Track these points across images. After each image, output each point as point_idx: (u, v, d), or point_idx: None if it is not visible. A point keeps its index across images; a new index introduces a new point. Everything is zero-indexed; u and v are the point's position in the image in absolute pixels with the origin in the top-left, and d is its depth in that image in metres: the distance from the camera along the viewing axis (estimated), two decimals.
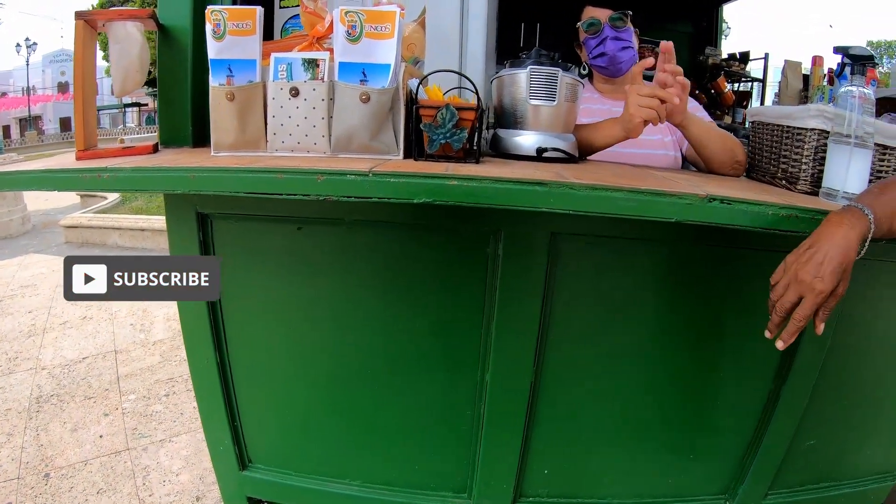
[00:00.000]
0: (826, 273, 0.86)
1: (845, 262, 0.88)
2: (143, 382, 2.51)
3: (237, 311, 1.39)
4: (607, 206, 0.93)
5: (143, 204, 6.31)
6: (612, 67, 1.67)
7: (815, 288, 0.87)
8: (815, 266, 0.87)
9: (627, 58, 1.66)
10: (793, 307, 0.89)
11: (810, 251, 0.89)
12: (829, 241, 0.88)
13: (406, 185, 0.93)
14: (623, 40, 1.64)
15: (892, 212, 0.93)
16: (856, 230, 0.89)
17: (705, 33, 4.10)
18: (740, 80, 4.50)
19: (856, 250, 0.89)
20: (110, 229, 5.26)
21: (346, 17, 1.10)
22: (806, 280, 0.87)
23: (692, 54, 4.20)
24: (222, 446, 1.52)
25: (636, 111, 1.28)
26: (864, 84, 1.19)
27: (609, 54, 1.64)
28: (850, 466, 1.72)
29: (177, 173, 1.05)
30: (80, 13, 1.27)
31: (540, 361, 1.34)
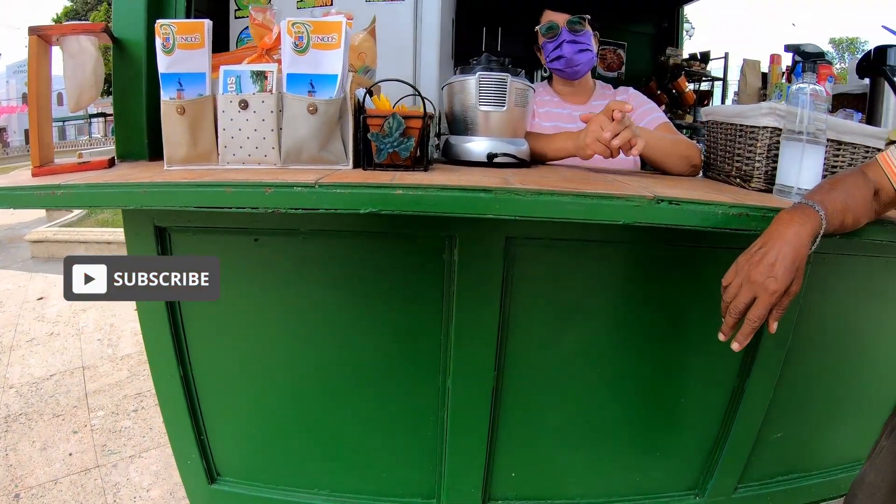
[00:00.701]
0: (779, 273, 0.85)
1: (798, 261, 0.87)
2: (111, 398, 2.47)
3: (199, 325, 1.38)
4: (554, 211, 0.94)
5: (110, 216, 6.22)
6: (569, 70, 1.67)
7: (768, 288, 0.86)
8: (767, 266, 0.86)
9: (585, 60, 1.67)
10: (746, 308, 0.88)
11: (762, 251, 0.88)
12: (780, 240, 0.87)
13: (352, 196, 0.93)
14: (580, 43, 1.65)
15: (843, 207, 0.93)
16: (807, 227, 0.88)
17: (667, 34, 4.16)
18: (701, 79, 4.57)
19: (808, 247, 0.88)
20: (76, 243, 5.16)
21: (293, 29, 1.10)
22: (759, 280, 0.86)
23: (654, 55, 4.26)
24: (190, 460, 1.51)
25: (592, 143, 1.30)
26: (815, 81, 1.20)
27: (566, 57, 1.64)
28: (819, 456, 1.74)
29: (128, 189, 1.04)
30: (33, 28, 1.26)
31: (501, 365, 1.34)
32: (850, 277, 1.48)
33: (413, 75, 1.64)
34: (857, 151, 1.27)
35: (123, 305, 3.67)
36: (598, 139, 1.29)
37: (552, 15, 1.67)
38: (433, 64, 1.65)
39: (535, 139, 1.46)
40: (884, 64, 1.79)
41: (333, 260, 1.30)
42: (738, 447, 1.55)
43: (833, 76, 1.86)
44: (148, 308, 1.36)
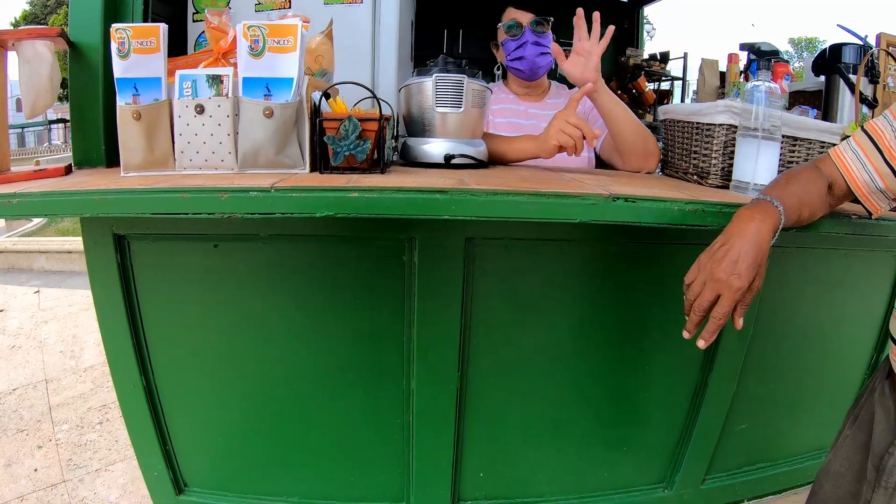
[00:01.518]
0: (742, 269, 0.85)
1: (759, 257, 0.87)
2: (75, 411, 2.41)
3: (160, 333, 1.36)
4: (510, 211, 0.94)
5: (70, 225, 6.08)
6: (528, 72, 1.69)
7: (732, 285, 0.85)
8: (730, 263, 0.85)
9: (545, 63, 1.69)
10: (711, 306, 0.87)
11: (724, 248, 0.87)
12: (741, 237, 0.87)
13: (307, 200, 0.92)
14: (542, 46, 1.66)
15: (799, 201, 0.95)
16: (767, 223, 0.88)
17: (627, 35, 4.21)
18: (660, 79, 4.63)
19: (769, 243, 0.88)
20: (37, 253, 5.02)
21: (248, 32, 1.09)
22: (722, 278, 0.85)
23: (614, 55, 4.31)
24: (156, 472, 1.49)
25: (556, 134, 1.32)
26: (770, 78, 1.22)
27: (528, 59, 1.66)
28: (785, 445, 1.78)
29: (84, 196, 1.02)
30: None
31: (464, 366, 1.35)
32: (809, 270, 1.51)
33: (371, 78, 1.63)
34: (813, 147, 1.30)
35: (85, 316, 3.59)
36: (563, 129, 1.31)
37: (515, 13, 1.68)
38: (392, 66, 1.65)
39: (494, 140, 1.47)
40: (839, 62, 1.84)
41: (294, 264, 1.29)
42: (704, 439, 1.57)
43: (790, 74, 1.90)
44: (109, 318, 1.33)
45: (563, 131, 1.32)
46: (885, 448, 0.90)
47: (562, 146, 1.34)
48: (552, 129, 1.34)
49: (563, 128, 1.32)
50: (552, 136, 1.34)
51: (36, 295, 4.23)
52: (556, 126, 1.34)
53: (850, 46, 1.84)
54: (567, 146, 1.33)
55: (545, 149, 1.36)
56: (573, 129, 1.32)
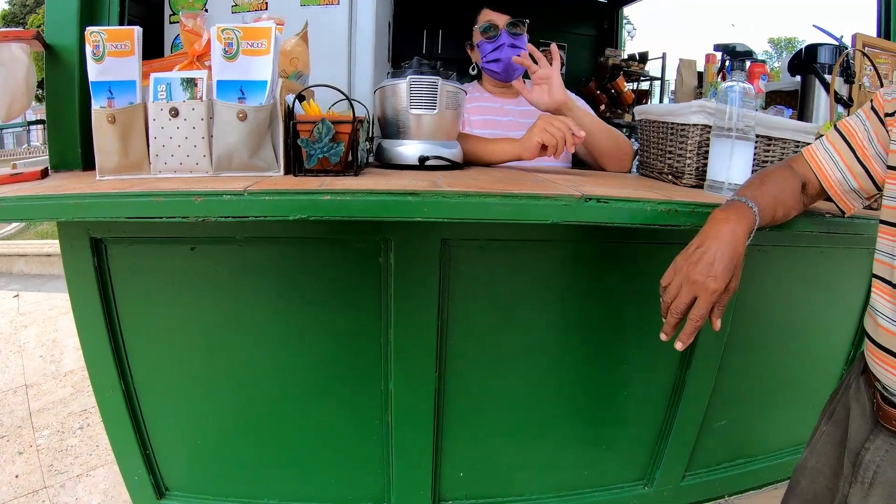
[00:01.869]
0: (718, 271, 0.85)
1: (735, 258, 0.87)
2: (56, 416, 2.39)
3: (138, 337, 1.35)
4: (482, 212, 0.94)
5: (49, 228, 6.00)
6: (504, 73, 1.69)
7: (708, 287, 0.84)
8: (706, 265, 0.85)
9: (520, 66, 1.69)
10: (688, 308, 0.86)
11: (700, 250, 0.87)
12: (717, 239, 0.87)
13: (280, 203, 0.92)
14: (519, 48, 1.67)
15: (774, 201, 0.95)
16: (742, 224, 0.88)
17: (607, 35, 4.24)
18: (639, 79, 4.66)
19: (744, 244, 0.88)
20: (15, 256, 4.98)
21: (222, 35, 1.08)
22: (699, 280, 0.85)
23: (594, 56, 4.33)
24: (137, 476, 1.48)
25: (540, 132, 1.33)
26: (744, 79, 1.23)
27: (504, 61, 1.66)
28: (764, 441, 1.80)
29: (59, 201, 1.01)
30: None
31: (442, 366, 1.35)
32: (785, 268, 1.53)
33: (348, 79, 1.63)
34: (788, 146, 1.32)
35: (65, 320, 3.55)
36: (547, 129, 1.33)
37: (491, 14, 1.68)
38: (368, 67, 1.64)
39: (473, 142, 1.48)
40: (814, 62, 1.86)
41: (271, 267, 1.29)
42: (684, 436, 1.59)
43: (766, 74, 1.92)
44: (87, 322, 1.33)
45: (546, 130, 1.33)
46: (861, 443, 0.90)
47: (545, 146, 1.35)
48: (536, 128, 1.35)
49: (548, 127, 1.34)
50: (536, 134, 1.35)
51: (15, 299, 4.19)
52: (540, 125, 1.35)
53: (826, 47, 1.86)
54: (550, 145, 1.34)
55: (528, 147, 1.37)
56: (557, 130, 1.33)
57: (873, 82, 1.79)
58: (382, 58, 1.81)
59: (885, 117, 0.92)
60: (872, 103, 0.95)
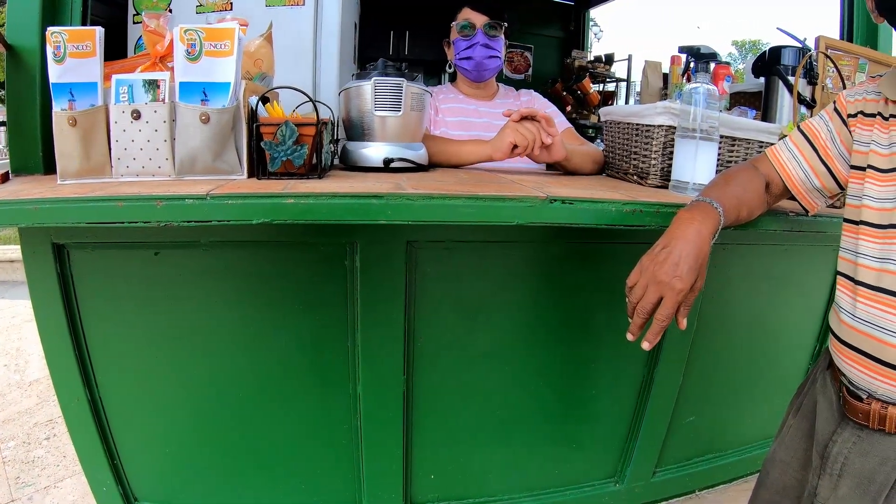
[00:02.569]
0: (684, 271, 0.85)
1: (701, 258, 0.88)
2: (21, 427, 2.33)
3: (103, 344, 1.32)
4: (446, 215, 0.95)
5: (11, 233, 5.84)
6: (475, 73, 1.71)
7: (675, 287, 0.85)
8: (671, 265, 0.86)
9: (493, 67, 1.72)
10: (654, 308, 0.87)
11: (665, 251, 0.88)
12: (682, 239, 0.87)
13: (243, 207, 0.91)
14: (493, 49, 1.69)
15: (738, 202, 0.97)
16: (707, 224, 0.89)
17: (573, 37, 4.27)
18: (605, 80, 4.71)
19: (709, 244, 0.89)
20: None
21: (185, 36, 1.07)
22: (665, 280, 0.86)
23: (560, 57, 4.37)
24: (105, 487, 1.45)
25: (512, 133, 1.35)
26: (708, 80, 1.25)
27: (476, 60, 1.68)
28: (733, 435, 1.84)
29: (18, 206, 0.99)
30: None
31: (410, 369, 1.35)
32: (751, 265, 1.56)
33: (313, 80, 1.62)
34: (752, 146, 1.34)
35: (30, 327, 3.46)
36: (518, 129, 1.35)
37: (470, 13, 1.69)
38: (333, 69, 1.64)
39: (442, 143, 1.49)
40: (778, 63, 1.90)
41: (236, 271, 1.27)
42: (653, 433, 1.61)
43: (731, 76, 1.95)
44: (50, 330, 1.30)
45: (517, 130, 1.35)
46: (829, 436, 0.92)
47: (516, 146, 1.36)
48: (508, 129, 1.37)
49: (518, 127, 1.35)
50: (508, 134, 1.36)
51: None
52: (511, 125, 1.37)
53: (789, 49, 1.90)
54: (521, 143, 1.35)
55: (499, 148, 1.38)
56: (527, 130, 1.35)
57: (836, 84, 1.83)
58: (348, 59, 1.80)
59: (847, 118, 0.94)
60: (835, 104, 0.97)
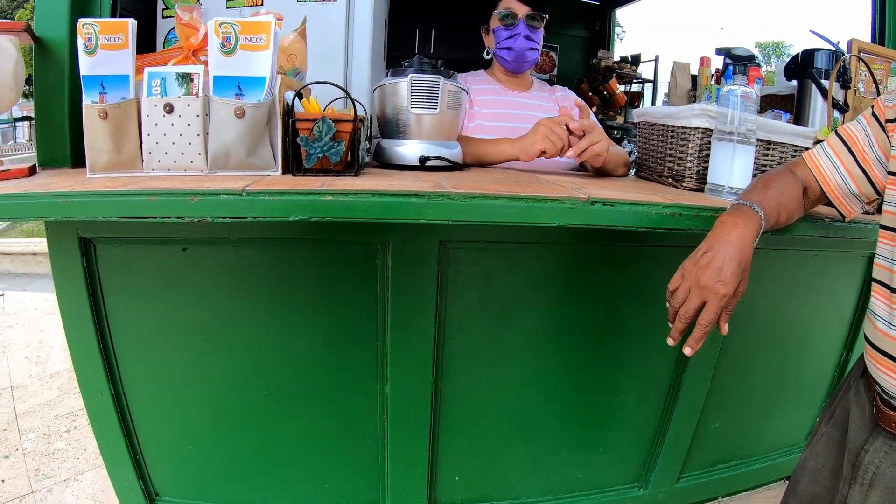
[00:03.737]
0: (727, 276, 0.84)
1: (744, 262, 0.86)
2: (42, 419, 2.34)
3: (128, 339, 1.32)
4: (487, 215, 0.93)
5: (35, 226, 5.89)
6: (515, 63, 1.70)
7: (718, 292, 0.84)
8: (715, 270, 0.85)
9: (532, 59, 1.71)
10: (696, 313, 0.86)
11: (708, 255, 0.87)
12: (726, 243, 0.86)
13: (280, 203, 0.90)
14: (533, 41, 1.68)
15: (778, 205, 0.95)
16: (750, 228, 0.88)
17: (598, 37, 4.24)
18: (632, 81, 4.66)
19: (752, 248, 0.88)
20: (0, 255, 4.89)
21: (220, 29, 1.06)
22: (708, 285, 0.84)
23: (586, 57, 4.34)
24: (126, 482, 1.45)
25: (542, 139, 1.34)
26: (746, 83, 1.23)
27: (517, 50, 1.67)
28: (758, 442, 1.81)
29: (48, 199, 0.98)
30: None
31: (439, 370, 1.34)
32: (782, 270, 1.53)
33: (344, 77, 1.60)
34: (786, 150, 1.32)
35: (52, 320, 3.48)
36: (548, 135, 1.33)
37: (513, 3, 1.68)
38: (365, 66, 1.62)
39: (472, 142, 1.48)
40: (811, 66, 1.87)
41: (265, 268, 1.26)
42: (679, 438, 1.59)
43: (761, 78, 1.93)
44: (75, 324, 1.29)
45: (548, 138, 1.34)
46: (861, 445, 0.91)
47: (544, 151, 1.36)
48: (538, 134, 1.36)
49: (549, 135, 1.34)
50: (538, 140, 1.35)
51: (0, 299, 4.11)
52: (542, 132, 1.35)
53: (822, 52, 1.87)
54: (550, 151, 1.35)
55: (528, 152, 1.37)
56: (558, 139, 1.34)
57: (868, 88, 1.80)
58: (378, 56, 1.79)
59: (885, 123, 0.93)
60: (873, 109, 0.96)
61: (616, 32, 4.48)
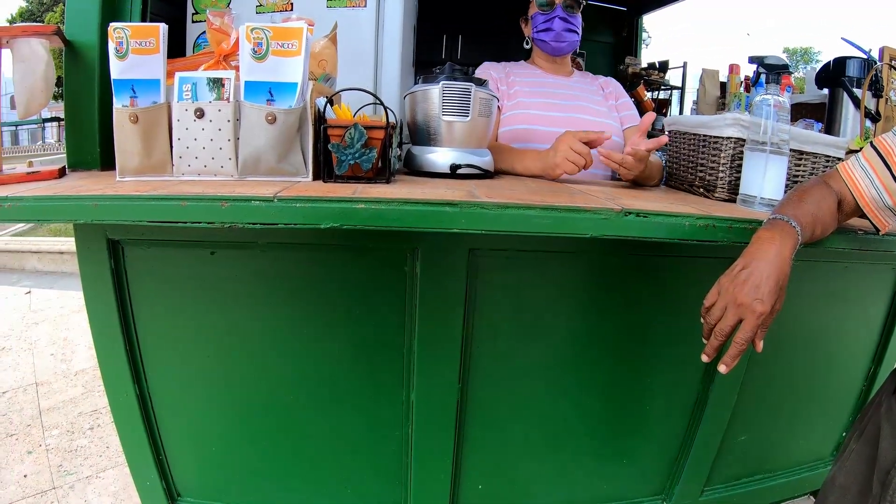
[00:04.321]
0: (765, 294, 0.83)
1: (782, 280, 0.85)
2: (66, 416, 2.37)
3: (154, 341, 1.32)
4: (521, 225, 0.92)
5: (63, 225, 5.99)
6: (554, 44, 1.70)
7: (755, 310, 0.82)
8: (752, 288, 0.83)
9: (571, 40, 1.71)
10: (732, 331, 0.85)
11: (745, 272, 0.85)
12: (763, 260, 0.85)
13: (312, 210, 0.89)
14: (571, 24, 1.69)
15: (813, 219, 0.94)
16: (787, 244, 0.87)
17: (625, 43, 4.19)
18: (660, 88, 4.60)
19: (789, 264, 0.86)
20: (28, 253, 4.97)
21: (251, 34, 1.06)
22: (745, 302, 0.83)
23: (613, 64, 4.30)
24: (149, 481, 1.45)
25: (562, 162, 1.34)
26: (779, 92, 1.21)
27: (555, 31, 1.68)
28: (783, 457, 1.78)
29: (78, 202, 0.98)
30: None
31: (465, 377, 1.33)
32: (811, 282, 1.51)
33: (374, 83, 1.61)
34: (819, 161, 1.30)
35: (77, 318, 3.53)
36: (568, 157, 1.33)
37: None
38: (395, 72, 1.62)
39: (502, 152, 1.48)
40: (843, 75, 1.84)
41: (292, 273, 1.26)
42: (704, 451, 1.56)
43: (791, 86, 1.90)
44: (101, 325, 1.30)
45: (567, 159, 1.34)
46: (891, 463, 0.90)
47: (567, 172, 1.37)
48: (559, 157, 1.35)
49: (568, 155, 1.34)
50: (559, 164, 1.35)
51: (27, 296, 4.17)
52: (562, 153, 1.35)
53: (854, 60, 1.85)
54: (571, 173, 1.36)
55: (550, 175, 1.39)
56: (577, 157, 1.33)
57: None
58: (407, 62, 1.79)
59: None
60: None
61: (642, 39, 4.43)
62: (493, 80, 1.70)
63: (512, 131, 1.64)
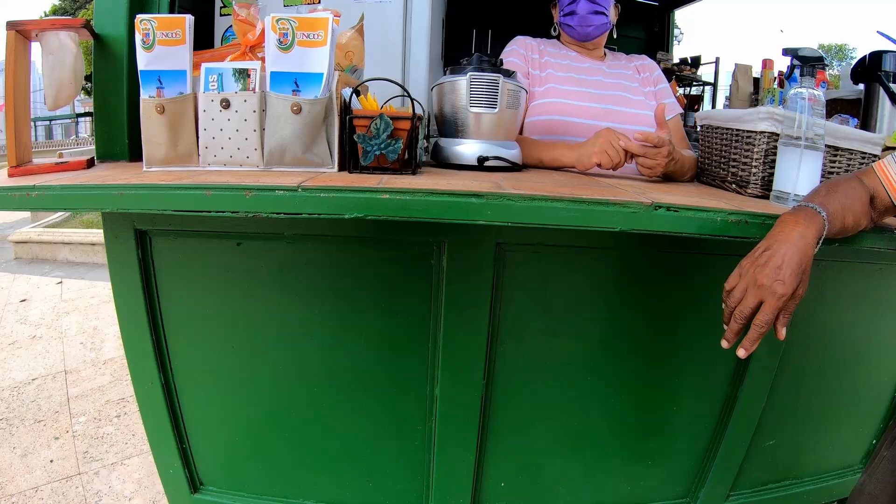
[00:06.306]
0: (786, 275, 0.82)
1: (804, 263, 0.84)
2: (93, 403, 2.42)
3: (180, 331, 1.33)
4: (548, 217, 0.90)
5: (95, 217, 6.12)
6: (580, 29, 1.64)
7: (776, 291, 0.82)
8: (773, 269, 0.82)
9: (598, 23, 1.64)
10: (753, 313, 0.84)
11: (767, 253, 0.85)
12: (786, 242, 0.84)
13: (336, 200, 0.89)
14: (597, 4, 1.62)
15: (843, 209, 0.92)
16: (812, 229, 0.86)
17: (657, 38, 4.13)
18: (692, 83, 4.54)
19: (814, 249, 0.85)
20: (60, 244, 5.10)
21: (277, 25, 1.06)
22: (766, 284, 0.83)
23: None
24: (172, 469, 1.47)
25: (599, 152, 1.31)
26: (814, 86, 1.18)
27: (579, 14, 1.62)
28: (811, 463, 1.73)
29: (105, 191, 0.99)
30: (11, 23, 1.22)
31: (490, 373, 1.31)
32: (843, 284, 1.46)
33: (402, 75, 1.60)
34: (854, 157, 1.26)
35: (107, 308, 3.61)
36: (606, 149, 1.30)
37: None
38: (423, 64, 1.61)
39: (530, 144, 1.45)
40: (879, 70, 1.78)
41: (318, 265, 1.26)
42: (731, 455, 1.53)
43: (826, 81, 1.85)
44: (128, 314, 1.32)
45: (606, 152, 1.31)
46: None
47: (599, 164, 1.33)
48: (596, 147, 1.32)
49: (607, 148, 1.31)
50: (595, 153, 1.32)
51: (58, 286, 4.28)
52: (601, 145, 1.32)
53: (890, 54, 1.79)
54: (606, 165, 1.32)
55: (584, 163, 1.35)
56: (616, 153, 1.30)
57: None
58: (436, 55, 1.78)
59: None
60: None
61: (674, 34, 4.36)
62: (525, 59, 1.65)
63: (547, 122, 1.59)
